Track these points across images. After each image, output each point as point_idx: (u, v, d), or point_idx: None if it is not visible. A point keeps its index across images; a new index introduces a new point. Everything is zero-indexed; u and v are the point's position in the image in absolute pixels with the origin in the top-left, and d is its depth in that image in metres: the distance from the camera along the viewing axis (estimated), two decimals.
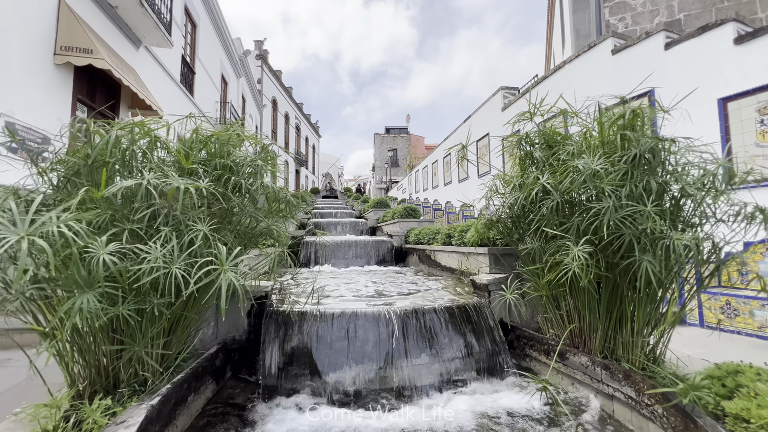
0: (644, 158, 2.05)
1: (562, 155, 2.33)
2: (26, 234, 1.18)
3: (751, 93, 4.14)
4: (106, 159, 1.77)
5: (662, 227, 1.82)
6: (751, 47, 4.17)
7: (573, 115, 2.70)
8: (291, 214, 2.76)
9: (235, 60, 15.36)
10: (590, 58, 6.18)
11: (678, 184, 2.09)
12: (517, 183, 2.63)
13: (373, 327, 2.47)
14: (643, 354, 2.25)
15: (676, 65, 4.89)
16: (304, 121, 32.76)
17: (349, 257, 5.97)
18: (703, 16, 8.40)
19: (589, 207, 2.02)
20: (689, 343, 3.69)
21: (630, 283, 2.17)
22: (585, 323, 2.46)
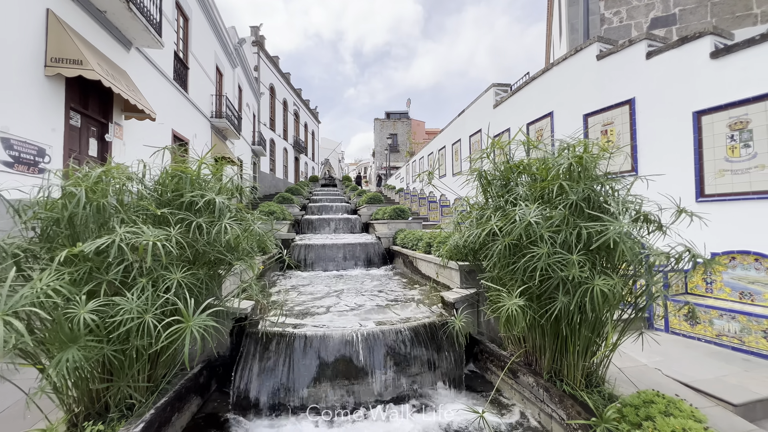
0: (579, 205, 2.21)
1: (510, 198, 2.48)
2: (2, 314, 1.37)
3: (724, 108, 4.23)
4: (78, 214, 1.93)
5: (583, 273, 2.00)
6: (726, 62, 4.23)
7: (533, 146, 2.82)
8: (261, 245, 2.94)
9: (230, 50, 15.23)
10: (576, 61, 6.20)
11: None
12: (475, 218, 2.80)
13: (340, 347, 2.71)
14: (583, 376, 2.48)
15: (656, 75, 4.94)
16: (302, 107, 32.50)
17: (338, 259, 6.20)
18: (698, 11, 8.29)
19: (527, 252, 2.20)
20: (651, 350, 3.93)
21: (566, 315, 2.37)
22: (536, 345, 2.68)
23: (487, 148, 2.81)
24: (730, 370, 3.42)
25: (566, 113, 6.39)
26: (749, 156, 4.02)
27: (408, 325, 2.92)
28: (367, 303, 3.84)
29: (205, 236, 2.28)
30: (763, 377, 3.26)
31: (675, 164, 4.72)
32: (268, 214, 6.81)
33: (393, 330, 2.84)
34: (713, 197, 4.33)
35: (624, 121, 5.36)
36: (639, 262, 2.11)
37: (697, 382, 3.18)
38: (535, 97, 7.25)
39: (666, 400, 1.94)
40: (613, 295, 2.02)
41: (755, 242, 3.98)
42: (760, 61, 3.96)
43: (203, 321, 1.84)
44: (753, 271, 3.99)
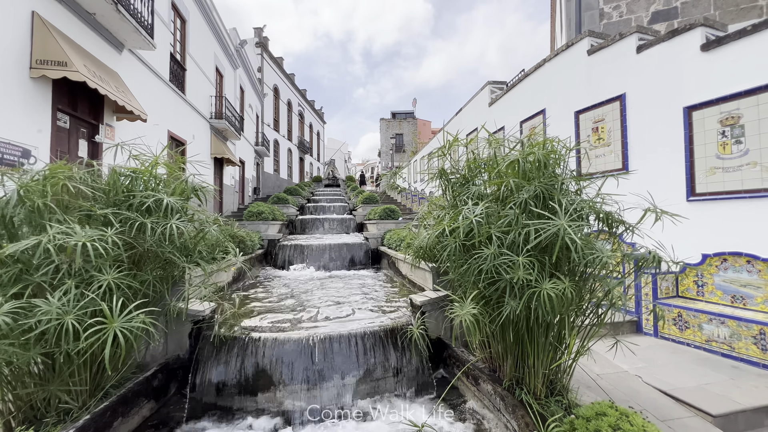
0: (529, 204, 2.09)
1: (463, 198, 2.38)
2: None
3: (715, 103, 4.04)
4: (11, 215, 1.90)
5: (529, 276, 1.89)
6: (717, 55, 4.04)
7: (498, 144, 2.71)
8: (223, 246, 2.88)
9: (231, 51, 15.32)
10: (568, 57, 6.02)
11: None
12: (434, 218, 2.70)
13: (296, 351, 2.64)
14: (545, 384, 2.36)
15: (647, 69, 4.76)
16: (307, 108, 32.62)
17: (324, 260, 6.14)
18: (700, 3, 8.00)
19: (477, 253, 2.10)
20: (635, 356, 3.76)
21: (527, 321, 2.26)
22: (499, 350, 2.57)
23: (444, 146, 2.71)
24: (716, 378, 3.24)
25: (558, 110, 6.22)
26: (741, 153, 3.83)
27: (371, 330, 2.84)
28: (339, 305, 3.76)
29: (150, 237, 2.23)
30: (750, 386, 3.08)
31: (666, 162, 4.53)
32: (255, 215, 6.79)
33: (354, 334, 2.76)
34: (704, 196, 4.14)
35: (614, 118, 5.18)
36: (593, 264, 1.97)
37: (677, 390, 3.02)
38: (528, 95, 7.08)
39: (619, 413, 1.82)
40: (564, 299, 1.90)
41: (747, 243, 3.79)
42: (752, 53, 3.76)
43: (129, 323, 1.78)
44: (745, 273, 3.80)
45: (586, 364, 3.42)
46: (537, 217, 1.99)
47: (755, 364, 3.42)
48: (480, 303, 2.35)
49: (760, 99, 3.67)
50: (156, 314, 2.20)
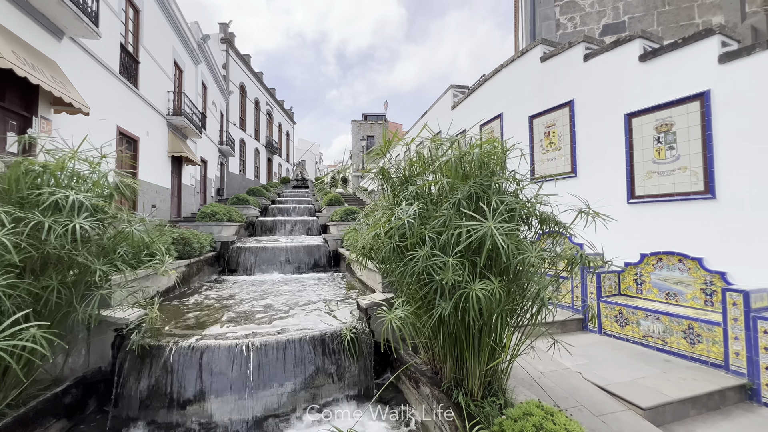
0: (462, 204, 2.08)
1: (401, 197, 2.34)
2: None
3: (651, 111, 4.27)
4: None
5: (458, 277, 1.87)
6: (653, 65, 4.27)
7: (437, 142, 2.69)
8: (144, 245, 2.67)
9: (192, 46, 14.69)
10: (523, 63, 6.21)
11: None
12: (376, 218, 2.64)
13: (229, 360, 2.49)
14: (482, 385, 2.36)
15: (593, 77, 4.97)
16: (276, 107, 31.92)
17: (281, 263, 5.95)
18: (645, 19, 8.53)
19: (410, 254, 2.06)
20: (579, 353, 3.88)
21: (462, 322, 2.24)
22: (440, 353, 2.54)
23: (383, 146, 2.67)
24: (649, 371, 3.39)
25: (514, 115, 6.38)
26: (673, 158, 4.06)
27: (311, 335, 2.73)
28: (286, 310, 3.62)
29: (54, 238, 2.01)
30: (679, 378, 3.24)
31: (610, 166, 4.74)
32: (209, 216, 6.48)
33: (293, 340, 2.64)
34: (642, 199, 4.36)
35: (565, 123, 5.38)
36: (522, 264, 1.98)
37: (613, 385, 3.13)
38: (487, 99, 7.24)
39: (544, 412, 1.83)
40: (493, 299, 1.89)
41: (680, 243, 4.02)
42: (682, 65, 4.01)
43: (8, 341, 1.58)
44: (677, 271, 4.02)
45: (531, 363, 3.48)
46: (469, 218, 1.97)
47: (685, 357, 3.62)
48: (417, 305, 2.32)
49: (689, 108, 3.91)
50: (63, 324, 1.98)
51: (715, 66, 3.74)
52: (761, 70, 3.43)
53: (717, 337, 3.38)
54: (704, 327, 3.48)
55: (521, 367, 3.25)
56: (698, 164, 3.85)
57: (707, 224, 3.79)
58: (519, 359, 3.43)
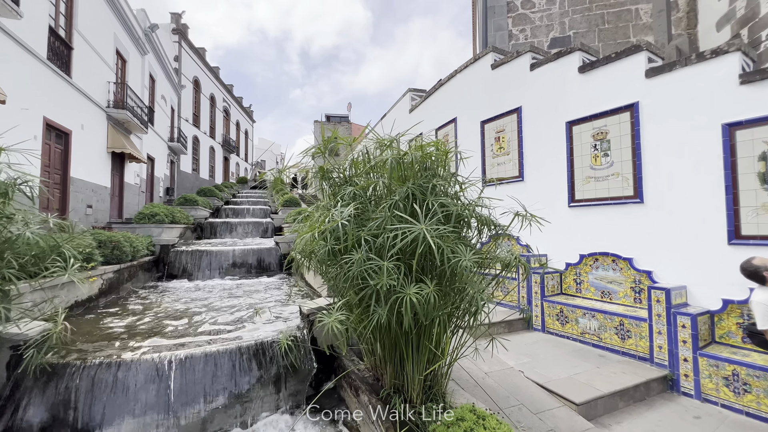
0: (399, 206, 2.04)
1: (338, 199, 2.26)
2: None
3: (589, 119, 4.52)
4: None
5: (394, 281, 1.81)
6: (591, 77, 4.53)
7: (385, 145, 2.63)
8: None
9: (137, 34, 13.68)
10: (475, 70, 6.37)
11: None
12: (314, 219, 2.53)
13: (149, 377, 2.26)
14: (422, 390, 2.32)
15: (539, 86, 5.19)
16: (234, 104, 30.64)
17: (226, 267, 5.63)
18: (588, 35, 9.12)
19: (346, 257, 1.98)
20: (522, 351, 3.99)
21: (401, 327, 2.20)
22: (381, 358, 2.48)
23: (321, 144, 2.57)
24: (585, 367, 3.55)
25: (468, 119, 6.53)
26: (608, 164, 4.32)
27: (246, 344, 2.56)
28: (220, 317, 3.40)
29: None
30: (610, 373, 3.42)
31: (554, 171, 4.96)
32: (148, 217, 6.00)
33: (223, 352, 2.46)
34: (581, 202, 4.60)
35: (513, 129, 5.57)
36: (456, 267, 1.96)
37: (551, 382, 3.23)
38: (443, 103, 7.36)
39: (476, 416, 1.82)
40: (428, 304, 1.85)
41: (614, 244, 4.27)
42: (615, 77, 4.28)
43: None
44: (611, 271, 4.27)
45: (476, 364, 3.52)
46: (404, 221, 1.92)
47: (617, 351, 3.84)
48: (358, 310, 2.24)
49: (621, 118, 4.18)
50: None
51: (642, 80, 4.03)
52: (679, 85, 3.73)
53: (644, 332, 3.62)
54: (633, 323, 3.71)
55: (464, 369, 3.28)
56: (629, 171, 4.12)
57: (637, 227, 4.06)
58: (465, 361, 3.46)
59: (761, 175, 3.16)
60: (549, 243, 5.00)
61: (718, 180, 3.42)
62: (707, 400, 3.15)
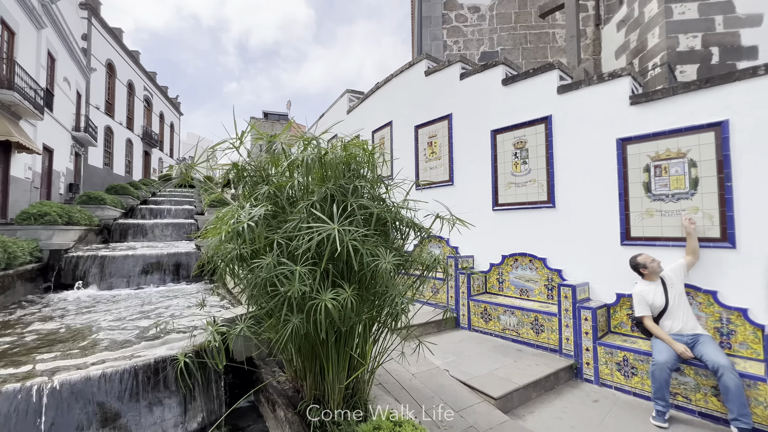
0: (316, 206, 1.95)
1: (252, 198, 2.10)
2: None
3: (511, 129, 4.84)
4: None
5: (307, 287, 1.71)
6: (512, 89, 4.86)
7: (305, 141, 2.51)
8: None
9: (31, 4, 11.73)
10: (410, 75, 6.51)
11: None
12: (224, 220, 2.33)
13: (11, 411, 1.86)
14: (343, 399, 2.24)
15: (467, 95, 5.44)
16: (157, 94, 27.86)
17: (136, 275, 5.00)
18: (513, 52, 9.88)
19: (255, 262, 1.83)
20: (447, 350, 4.10)
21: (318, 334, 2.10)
22: (301, 369, 2.35)
23: (239, 136, 2.39)
24: (504, 362, 3.76)
25: (403, 123, 6.64)
26: (526, 171, 4.67)
27: (141, 363, 2.24)
28: (120, 334, 2.98)
29: None
30: (526, 366, 3.66)
31: (481, 176, 5.23)
32: (35, 218, 5.11)
33: (112, 373, 2.12)
34: (504, 206, 4.90)
35: (444, 135, 5.77)
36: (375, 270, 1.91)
37: (473, 379, 3.36)
38: (380, 106, 7.40)
39: (393, 424, 1.78)
40: (345, 309, 1.77)
41: (531, 245, 4.62)
42: (533, 91, 4.65)
43: None
44: (528, 270, 4.61)
45: (404, 366, 3.53)
46: (322, 222, 1.83)
47: (532, 345, 4.14)
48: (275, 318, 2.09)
49: (537, 129, 4.54)
50: None
51: (555, 95, 4.42)
52: (583, 101, 4.16)
53: (554, 326, 3.94)
54: (546, 318, 4.03)
55: (390, 374, 3.27)
56: (543, 178, 4.49)
57: (550, 229, 4.43)
58: (393, 364, 3.45)
59: (645, 184, 3.64)
60: (476, 244, 5.27)
61: (614, 188, 3.86)
62: (604, 384, 3.52)
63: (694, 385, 3.01)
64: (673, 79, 6.28)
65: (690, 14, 6.36)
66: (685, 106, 3.43)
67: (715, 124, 3.24)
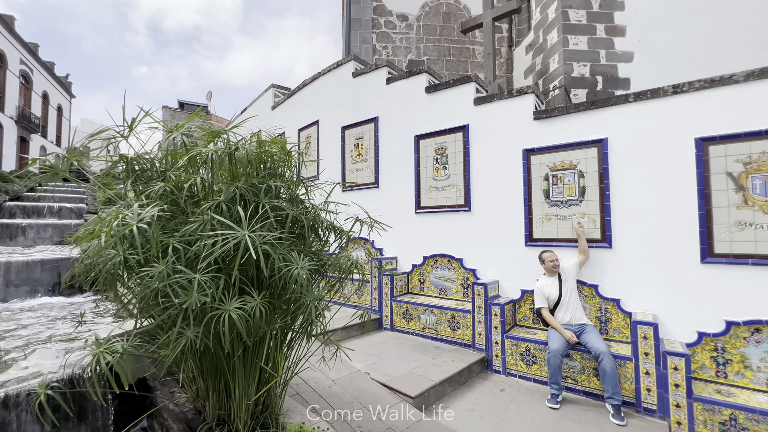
0: (222, 208, 1.78)
1: (144, 195, 1.85)
2: None
3: (432, 135, 5.06)
4: None
5: (209, 297, 1.55)
6: (435, 97, 5.09)
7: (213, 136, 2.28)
8: None
9: None
10: (338, 75, 6.43)
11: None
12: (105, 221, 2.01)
13: None
14: (252, 417, 2.07)
15: (393, 99, 5.55)
16: (40, 70, 23.47)
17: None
18: (437, 63, 10.41)
19: (144, 271, 1.60)
20: (370, 352, 4.09)
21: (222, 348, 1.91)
22: (203, 388, 2.12)
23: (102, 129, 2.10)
24: (423, 360, 3.89)
25: (330, 123, 6.53)
26: (446, 176, 4.91)
27: None
28: None
29: None
30: (443, 362, 3.83)
31: (405, 180, 5.36)
32: None
33: None
34: (426, 209, 5.10)
35: (371, 137, 5.81)
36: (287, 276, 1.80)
37: (393, 380, 3.40)
38: (306, 104, 7.18)
39: None
40: (254, 318, 1.63)
41: (450, 247, 4.87)
42: (453, 101, 4.92)
43: None
44: (447, 270, 4.85)
45: (324, 372, 3.43)
46: (226, 225, 1.66)
47: (449, 342, 4.35)
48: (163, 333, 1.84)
49: (456, 137, 4.82)
50: None
51: (472, 106, 4.73)
52: (496, 114, 4.52)
53: (469, 322, 4.20)
54: (461, 315, 4.27)
55: (306, 382, 3.15)
56: (461, 183, 4.77)
57: (467, 231, 4.72)
58: (310, 372, 3.33)
59: (545, 191, 4.08)
60: (400, 246, 5.39)
61: (520, 194, 4.26)
62: (510, 373, 3.84)
63: (580, 368, 3.45)
64: (568, 100, 7.19)
65: (581, 45, 7.36)
66: (576, 125, 3.93)
67: (598, 141, 3.76)
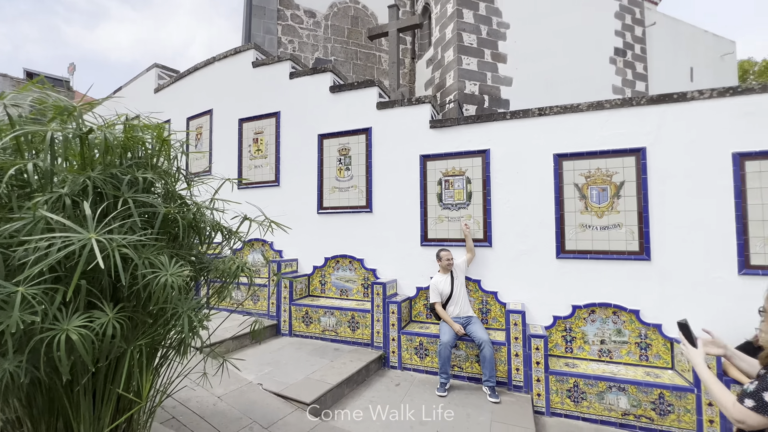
0: (66, 203, 1.46)
1: None
2: None
3: (336, 135, 5.03)
4: None
5: (37, 316, 1.24)
6: (339, 98, 5.07)
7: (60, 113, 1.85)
8: None
9: None
10: (237, 62, 5.93)
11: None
12: None
13: None
14: None
15: (296, 95, 5.35)
16: None
17: None
18: (345, 65, 10.45)
19: None
20: (265, 361, 3.83)
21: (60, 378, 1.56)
22: (32, 426, 1.68)
23: None
24: (321, 364, 3.81)
25: (225, 113, 5.97)
26: (349, 178, 4.93)
27: None
28: None
29: None
30: (341, 364, 3.80)
31: (307, 179, 5.21)
32: None
33: None
34: (328, 210, 5.03)
35: (272, 133, 5.50)
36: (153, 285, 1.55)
37: (288, 388, 3.24)
38: (198, 90, 6.43)
39: None
40: (105, 337, 1.35)
41: (351, 247, 4.89)
42: (357, 103, 4.96)
43: None
44: (348, 271, 4.87)
45: (209, 390, 3.10)
46: (70, 225, 1.34)
47: (349, 342, 4.36)
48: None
49: (359, 138, 4.88)
50: None
51: (375, 110, 4.85)
52: (397, 119, 4.72)
53: (368, 321, 4.27)
54: (361, 315, 4.33)
55: (184, 404, 2.81)
56: (363, 184, 4.84)
57: (368, 232, 4.80)
58: (190, 391, 2.97)
59: (438, 195, 4.41)
60: (301, 247, 5.21)
61: (417, 197, 4.52)
62: (405, 368, 4.03)
63: (465, 356, 3.80)
64: (461, 113, 7.96)
65: (473, 66, 8.23)
66: (465, 135, 4.34)
67: (482, 151, 4.22)
